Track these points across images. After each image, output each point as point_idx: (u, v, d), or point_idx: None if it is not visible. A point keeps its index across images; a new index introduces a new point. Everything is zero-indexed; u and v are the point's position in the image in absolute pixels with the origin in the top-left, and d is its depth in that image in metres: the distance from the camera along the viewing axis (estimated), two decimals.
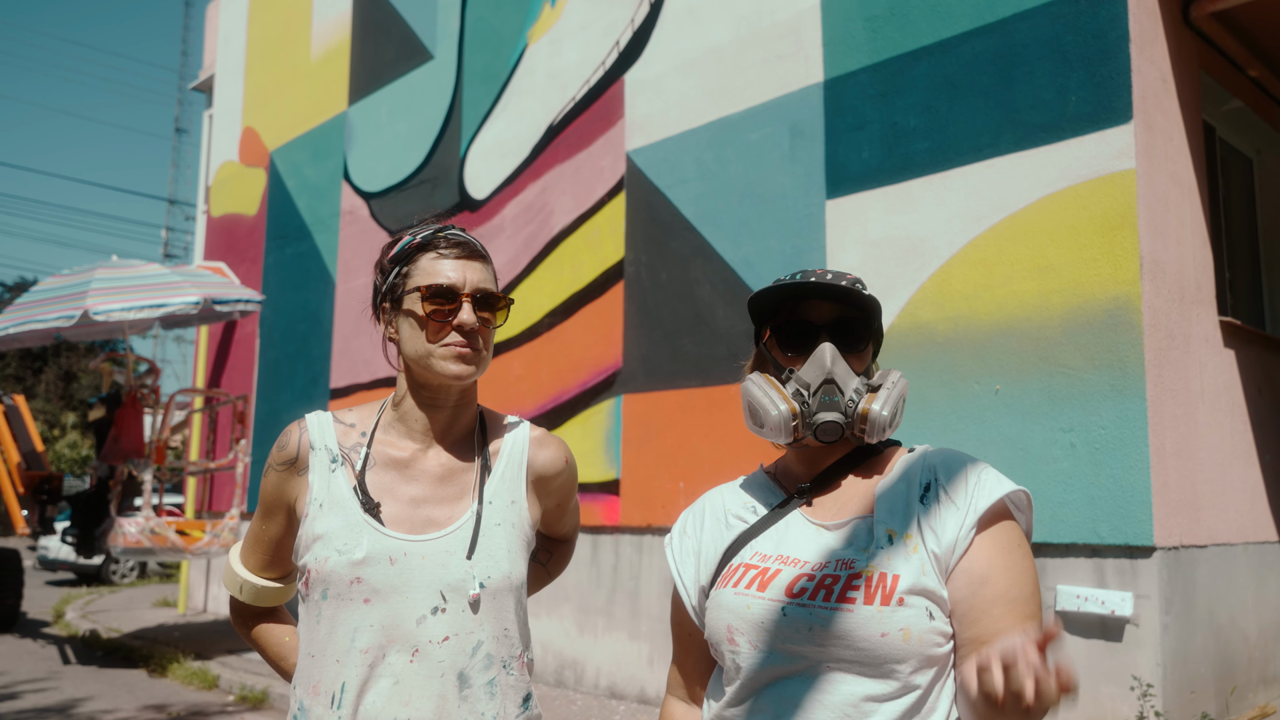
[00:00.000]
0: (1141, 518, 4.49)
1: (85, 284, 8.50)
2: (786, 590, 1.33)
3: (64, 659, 8.59)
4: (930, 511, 1.31)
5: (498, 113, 8.14)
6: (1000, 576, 1.28)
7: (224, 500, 10.78)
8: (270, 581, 1.65)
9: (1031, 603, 1.28)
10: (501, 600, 1.51)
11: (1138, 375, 4.57)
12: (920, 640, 1.25)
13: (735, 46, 6.49)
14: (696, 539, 1.51)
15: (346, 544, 1.48)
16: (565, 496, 1.70)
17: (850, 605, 1.27)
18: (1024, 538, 1.34)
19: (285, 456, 1.56)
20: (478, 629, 1.49)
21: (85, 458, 28.39)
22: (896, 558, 1.29)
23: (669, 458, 6.47)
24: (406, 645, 1.46)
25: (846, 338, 1.41)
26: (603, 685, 6.69)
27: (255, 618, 1.69)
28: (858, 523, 1.35)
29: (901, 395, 1.40)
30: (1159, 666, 4.42)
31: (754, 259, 6.20)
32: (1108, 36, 4.81)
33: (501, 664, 1.51)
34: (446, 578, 1.48)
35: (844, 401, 1.37)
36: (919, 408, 5.26)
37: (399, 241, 1.57)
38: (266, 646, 1.67)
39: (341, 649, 1.46)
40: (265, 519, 1.60)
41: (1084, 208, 4.82)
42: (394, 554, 1.48)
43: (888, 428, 1.37)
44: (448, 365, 1.50)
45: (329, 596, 1.48)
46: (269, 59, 11.42)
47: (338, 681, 1.46)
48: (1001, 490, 1.32)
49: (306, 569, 1.50)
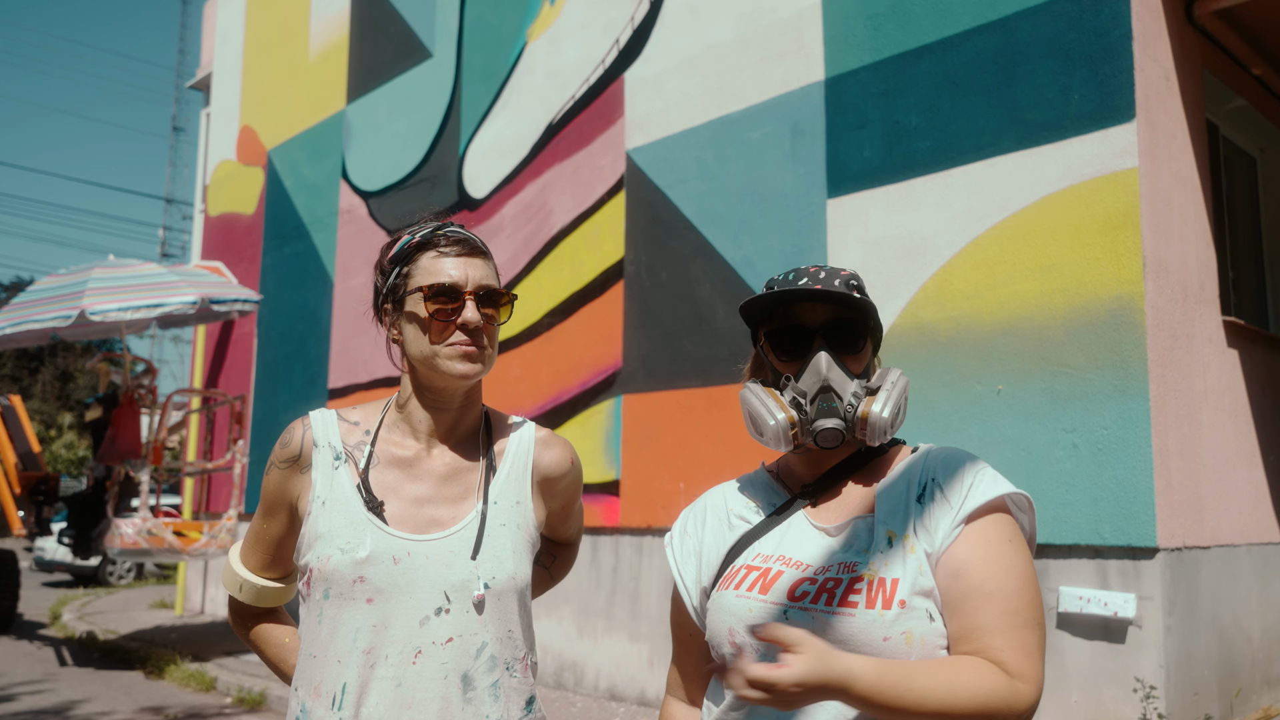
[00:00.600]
0: (1144, 519, 4.49)
1: (82, 284, 8.50)
2: (788, 593, 1.32)
3: (60, 661, 8.58)
4: (926, 511, 1.30)
5: (497, 111, 8.14)
6: (978, 569, 1.25)
7: (221, 501, 10.78)
8: (270, 581, 1.64)
9: (1016, 597, 1.24)
10: (506, 601, 1.51)
11: (1141, 375, 4.57)
12: (923, 643, 1.25)
13: (736, 44, 6.49)
14: (698, 539, 1.50)
15: (349, 542, 1.47)
16: (570, 498, 1.69)
17: (852, 610, 1.27)
18: (1017, 533, 1.31)
19: (288, 454, 1.55)
20: (482, 630, 1.48)
21: (82, 458, 28.40)
22: (895, 560, 1.28)
23: (669, 458, 6.47)
24: (409, 646, 1.45)
25: (842, 339, 1.40)
26: (602, 687, 6.69)
27: (255, 618, 1.68)
28: (859, 524, 1.34)
29: (903, 394, 1.39)
30: (1162, 668, 4.42)
31: (755, 258, 6.20)
32: (1110, 34, 4.81)
33: (505, 666, 1.51)
34: (451, 578, 1.47)
35: (843, 406, 1.37)
36: (920, 408, 5.25)
37: (398, 241, 1.56)
38: (266, 647, 1.67)
39: (343, 649, 1.45)
40: (267, 517, 1.59)
41: (1086, 207, 4.82)
42: (397, 553, 1.47)
43: (889, 429, 1.36)
44: (454, 365, 1.49)
45: (331, 596, 1.47)
46: (267, 57, 11.42)
47: (339, 682, 1.45)
48: (996, 490, 1.31)
49: (308, 568, 1.50)
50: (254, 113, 11.50)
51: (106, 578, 15.63)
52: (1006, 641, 1.22)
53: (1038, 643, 1.24)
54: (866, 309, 1.41)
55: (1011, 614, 1.23)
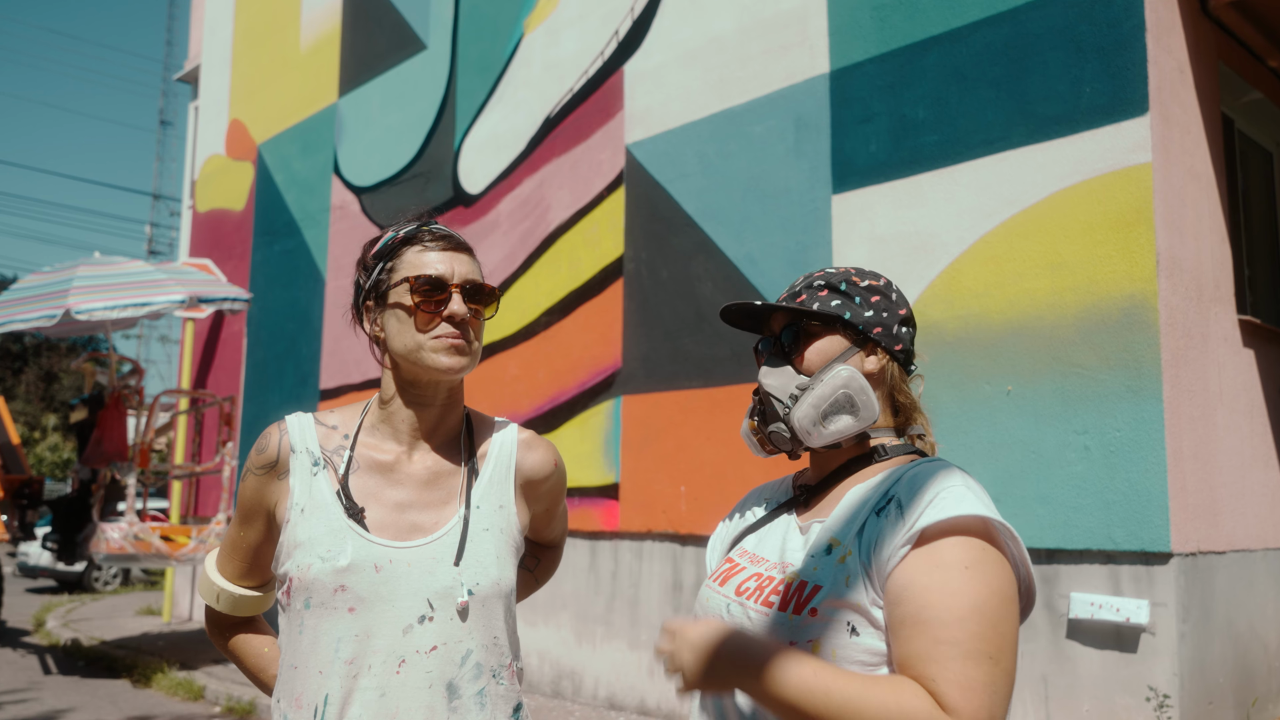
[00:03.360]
0: (1158, 523, 4.49)
1: (67, 282, 8.50)
2: (737, 588, 1.37)
3: (45, 669, 8.59)
4: (878, 524, 1.26)
5: (493, 105, 8.14)
6: (917, 595, 1.18)
7: (210, 505, 10.78)
8: (248, 590, 1.64)
9: (956, 627, 1.14)
10: (491, 608, 1.51)
11: (1154, 376, 4.57)
12: (834, 656, 1.22)
13: (738, 36, 6.49)
14: (729, 529, 1.57)
15: (330, 550, 1.47)
16: (554, 501, 1.70)
17: (767, 609, 1.29)
18: (980, 559, 1.19)
19: (265, 459, 1.55)
20: (466, 638, 1.49)
21: (67, 461, 28.42)
22: (824, 567, 1.28)
23: (670, 461, 6.47)
24: (393, 655, 1.45)
25: (791, 346, 1.43)
26: (601, 696, 6.69)
27: (232, 628, 1.68)
28: (820, 529, 1.35)
29: (835, 390, 1.36)
30: (1176, 677, 4.41)
31: (757, 255, 6.20)
32: (1123, 26, 4.81)
33: (491, 673, 1.51)
34: (434, 585, 1.48)
35: (783, 410, 1.40)
36: (927, 409, 5.22)
37: (381, 238, 1.59)
38: (245, 658, 1.67)
39: (325, 660, 1.46)
40: (244, 524, 1.59)
41: (1098, 203, 4.82)
42: (379, 561, 1.47)
43: (814, 429, 1.36)
44: (439, 358, 1.50)
45: (312, 605, 1.47)
46: (257, 49, 11.42)
47: (321, 694, 1.45)
48: (958, 510, 1.20)
49: (288, 577, 1.50)
50: (243, 106, 11.51)
51: (92, 584, 15.63)
52: (940, 673, 1.13)
53: (983, 679, 1.13)
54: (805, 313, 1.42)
55: (949, 644, 1.14)
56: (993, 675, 1.14)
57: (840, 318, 1.41)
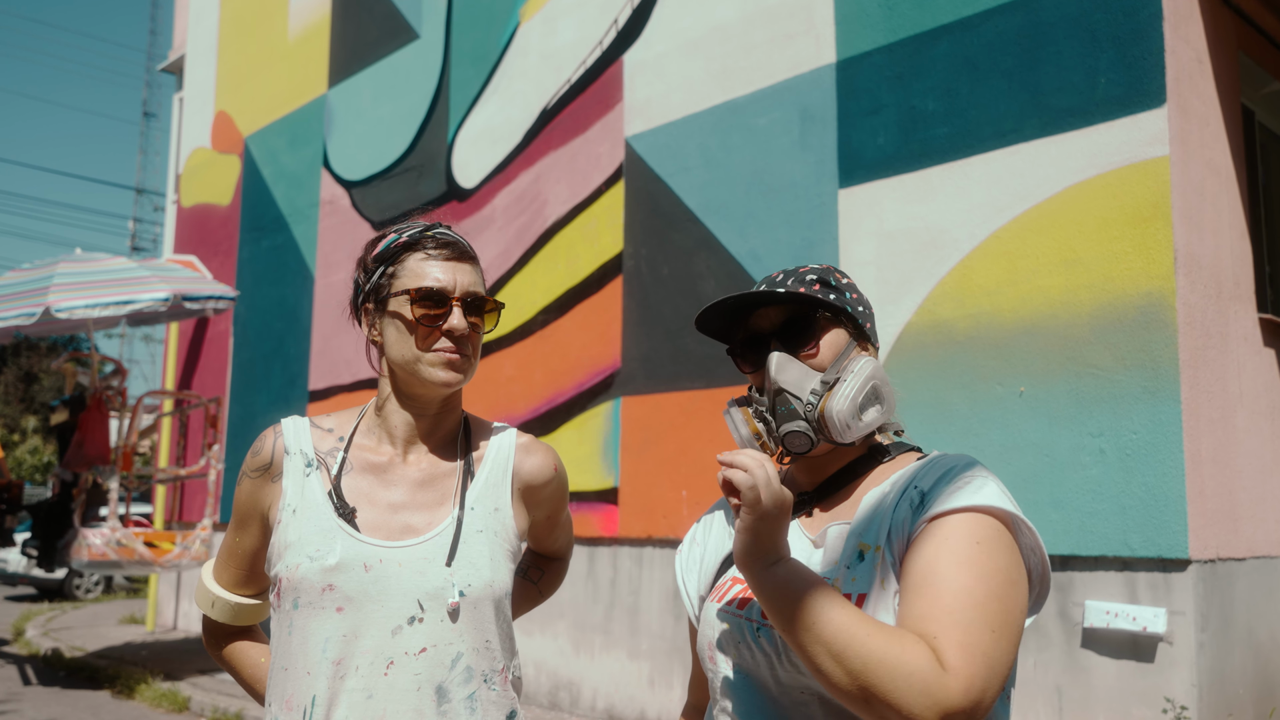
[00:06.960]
0: (1176, 528, 4.50)
1: (47, 279, 8.50)
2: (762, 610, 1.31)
3: (24, 680, 8.59)
4: (900, 519, 1.26)
5: (488, 96, 8.15)
6: (924, 563, 1.19)
7: (195, 510, 10.79)
8: (245, 598, 1.67)
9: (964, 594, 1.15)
10: (482, 610, 1.53)
11: (1172, 376, 4.58)
12: None
13: (741, 25, 6.50)
14: (704, 546, 1.52)
15: (319, 550, 1.49)
16: (555, 507, 1.71)
17: None
18: (995, 537, 1.21)
19: (259, 462, 1.58)
20: (457, 640, 1.50)
21: (47, 464, 28.39)
22: (863, 575, 1.26)
23: (671, 464, 6.48)
24: (381, 656, 1.47)
25: (799, 339, 1.39)
26: (600, 707, 6.70)
27: (229, 637, 1.71)
28: (840, 535, 1.33)
29: (867, 381, 1.35)
30: (1194, 687, 4.42)
31: (761, 252, 6.20)
32: (1140, 14, 4.82)
33: (483, 678, 1.52)
34: (424, 585, 1.49)
35: (803, 407, 1.35)
36: (938, 410, 5.26)
37: (383, 239, 1.60)
38: (240, 668, 1.69)
39: (313, 660, 1.47)
40: (239, 530, 1.62)
41: (1114, 197, 4.82)
42: (369, 560, 1.49)
43: (852, 423, 1.33)
44: (436, 372, 1.53)
45: (300, 605, 1.49)
46: (243, 38, 11.43)
47: (309, 695, 1.47)
48: (975, 500, 1.22)
49: (278, 578, 1.52)
50: (230, 97, 11.52)
51: (73, 591, 15.64)
52: (942, 632, 1.13)
53: (984, 647, 1.13)
54: (820, 302, 1.39)
55: (953, 609, 1.14)
56: (993, 647, 1.14)
57: (845, 310, 1.41)
